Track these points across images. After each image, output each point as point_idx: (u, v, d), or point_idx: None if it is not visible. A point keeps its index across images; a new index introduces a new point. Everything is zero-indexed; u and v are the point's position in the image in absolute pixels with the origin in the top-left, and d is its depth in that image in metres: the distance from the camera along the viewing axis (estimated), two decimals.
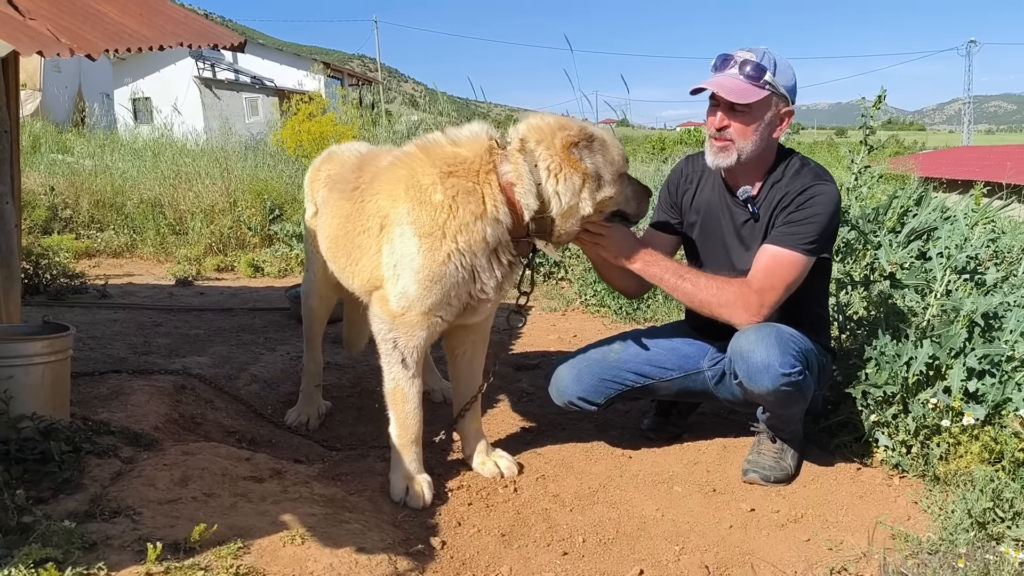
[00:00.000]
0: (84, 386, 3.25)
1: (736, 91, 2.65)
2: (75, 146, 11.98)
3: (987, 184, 5.93)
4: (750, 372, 2.62)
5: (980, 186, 5.68)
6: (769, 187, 2.79)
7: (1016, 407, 2.63)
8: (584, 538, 2.50)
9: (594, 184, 2.49)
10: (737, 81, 2.66)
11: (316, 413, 3.41)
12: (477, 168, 2.49)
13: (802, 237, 2.65)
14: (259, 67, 31.75)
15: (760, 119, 2.69)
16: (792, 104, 2.75)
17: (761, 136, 2.71)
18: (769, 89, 2.67)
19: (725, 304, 2.63)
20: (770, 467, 2.85)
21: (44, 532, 1.95)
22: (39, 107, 20.24)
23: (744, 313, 2.62)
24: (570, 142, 2.45)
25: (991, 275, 3.39)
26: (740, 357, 2.64)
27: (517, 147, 2.46)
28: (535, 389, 3.85)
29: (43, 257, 5.89)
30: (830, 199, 2.70)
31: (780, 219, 2.72)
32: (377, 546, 2.21)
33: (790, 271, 2.65)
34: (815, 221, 2.67)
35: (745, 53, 2.69)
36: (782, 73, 2.68)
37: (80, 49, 2.42)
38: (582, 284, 5.75)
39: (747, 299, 2.62)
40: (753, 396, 2.72)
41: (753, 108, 2.67)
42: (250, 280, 6.79)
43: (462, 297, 2.57)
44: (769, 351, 2.57)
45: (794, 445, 2.93)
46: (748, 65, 2.66)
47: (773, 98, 2.69)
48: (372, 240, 2.63)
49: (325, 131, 12.24)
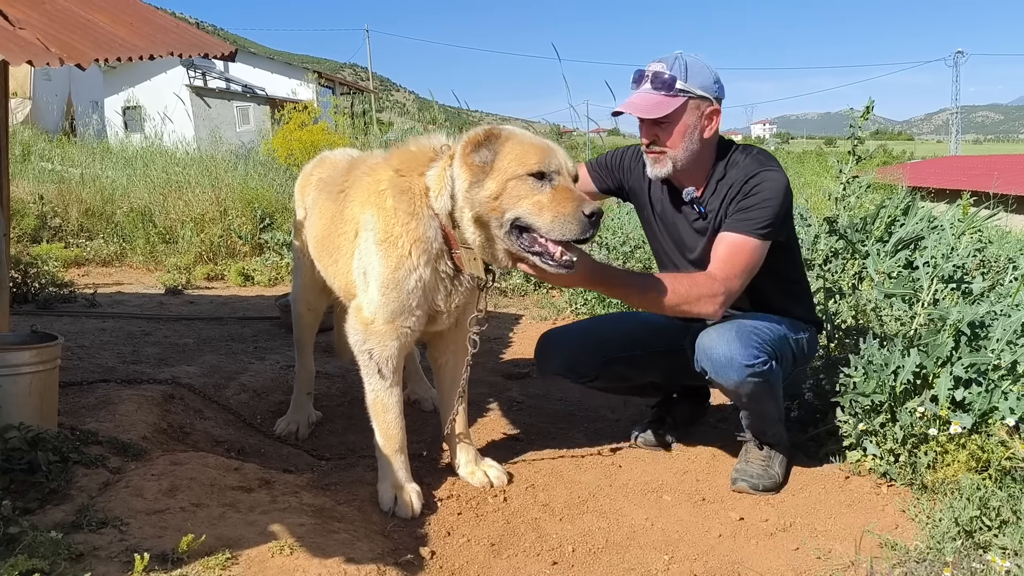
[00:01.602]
0: (72, 396, 3.24)
1: (649, 107, 2.66)
2: (65, 154, 11.94)
3: (974, 194, 5.98)
4: (715, 368, 2.66)
5: (967, 196, 5.73)
6: (714, 185, 2.80)
7: (1003, 416, 2.65)
8: (574, 547, 2.50)
9: (480, 177, 2.35)
10: (650, 96, 2.67)
11: (306, 422, 3.41)
12: (420, 171, 2.51)
13: (755, 223, 2.66)
14: (250, 76, 31.73)
15: (685, 125, 2.69)
16: (718, 101, 2.73)
17: (690, 140, 2.71)
18: (684, 96, 2.66)
19: (692, 300, 2.60)
20: (758, 475, 2.86)
21: (31, 543, 1.94)
22: (29, 115, 20.18)
23: (711, 304, 2.61)
24: (472, 140, 2.38)
25: (978, 284, 3.41)
26: (704, 355, 2.69)
27: (450, 152, 2.46)
28: (525, 398, 3.85)
29: (32, 266, 5.86)
30: (777, 183, 2.70)
31: (732, 209, 2.72)
32: (366, 556, 2.21)
33: (748, 257, 2.66)
34: (766, 206, 2.67)
35: (656, 65, 2.69)
36: (695, 75, 2.67)
37: (70, 58, 2.42)
38: (573, 293, 5.76)
39: (712, 289, 2.61)
40: (724, 391, 2.78)
41: (673, 118, 2.68)
42: (240, 289, 6.77)
43: (423, 306, 2.58)
44: (730, 345, 2.62)
45: (781, 450, 2.95)
46: (659, 77, 2.66)
47: (691, 103, 2.68)
48: (349, 244, 2.69)
49: (316, 140, 12.23)
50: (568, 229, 2.29)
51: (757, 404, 2.79)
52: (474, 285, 2.61)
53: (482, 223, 2.39)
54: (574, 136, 15.35)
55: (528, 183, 2.32)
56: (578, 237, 2.31)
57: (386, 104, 48.79)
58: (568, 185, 2.36)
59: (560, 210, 2.29)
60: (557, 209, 2.29)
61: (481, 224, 2.40)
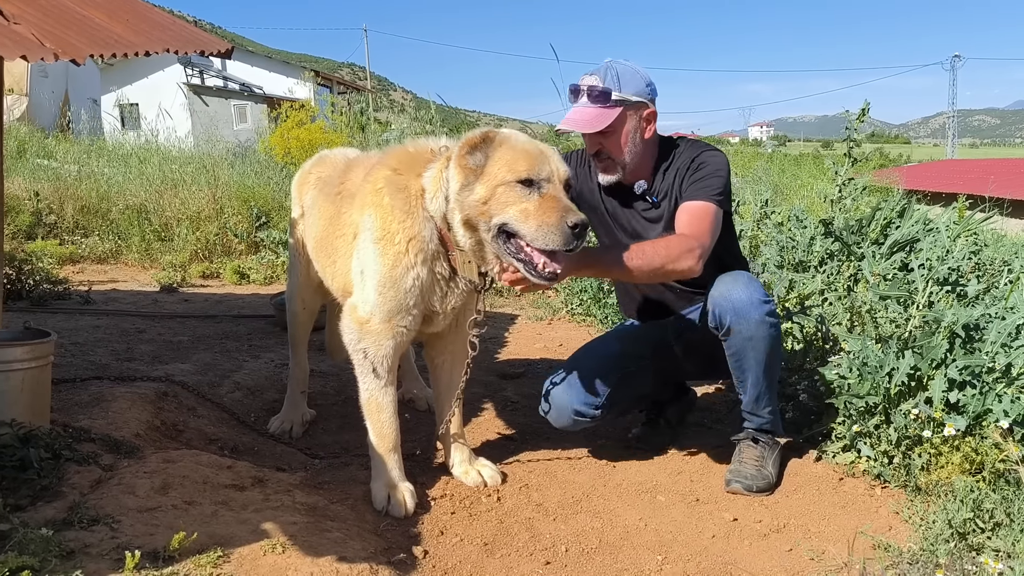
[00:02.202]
0: (65, 392, 3.23)
1: (589, 121, 2.75)
2: (61, 151, 11.91)
3: (970, 197, 5.99)
4: (737, 309, 2.69)
5: (963, 199, 5.73)
6: (661, 175, 2.91)
7: (996, 418, 2.65)
8: (567, 547, 2.49)
9: (471, 180, 2.36)
10: (588, 110, 2.75)
11: (300, 420, 3.40)
12: (418, 172, 2.51)
13: (710, 189, 2.77)
14: (248, 74, 31.68)
15: (626, 133, 2.80)
16: (653, 102, 2.84)
17: (633, 144, 2.82)
18: (621, 105, 2.76)
19: (674, 258, 2.60)
20: (752, 476, 2.86)
21: (21, 540, 1.93)
22: (25, 112, 20.13)
23: (691, 258, 2.62)
24: (469, 143, 2.38)
25: (972, 287, 3.42)
26: (724, 301, 2.72)
27: (447, 154, 2.46)
28: (520, 398, 3.85)
29: (26, 263, 5.85)
30: (721, 160, 2.85)
31: (685, 184, 2.83)
32: (359, 555, 2.20)
33: (710, 219, 2.74)
34: (716, 175, 2.79)
35: (590, 79, 2.77)
36: (628, 83, 2.77)
37: (65, 54, 2.40)
38: (568, 293, 5.76)
39: (688, 244, 2.63)
40: (738, 342, 2.75)
41: (614, 127, 2.77)
42: (235, 287, 6.76)
43: (419, 305, 2.57)
44: (747, 287, 2.72)
45: (774, 447, 2.95)
46: (594, 91, 2.75)
47: (628, 111, 2.78)
48: (347, 246, 2.70)
49: (314, 139, 12.21)
50: (551, 239, 2.28)
51: (768, 356, 2.77)
52: (471, 287, 2.60)
53: (471, 226, 2.39)
54: (572, 137, 15.35)
55: (516, 190, 2.32)
56: (561, 248, 2.29)
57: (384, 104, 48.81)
58: (556, 194, 2.34)
59: (545, 219, 2.28)
60: (542, 218, 2.28)
61: (470, 227, 2.40)
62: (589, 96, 2.75)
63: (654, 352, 3.07)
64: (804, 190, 12.48)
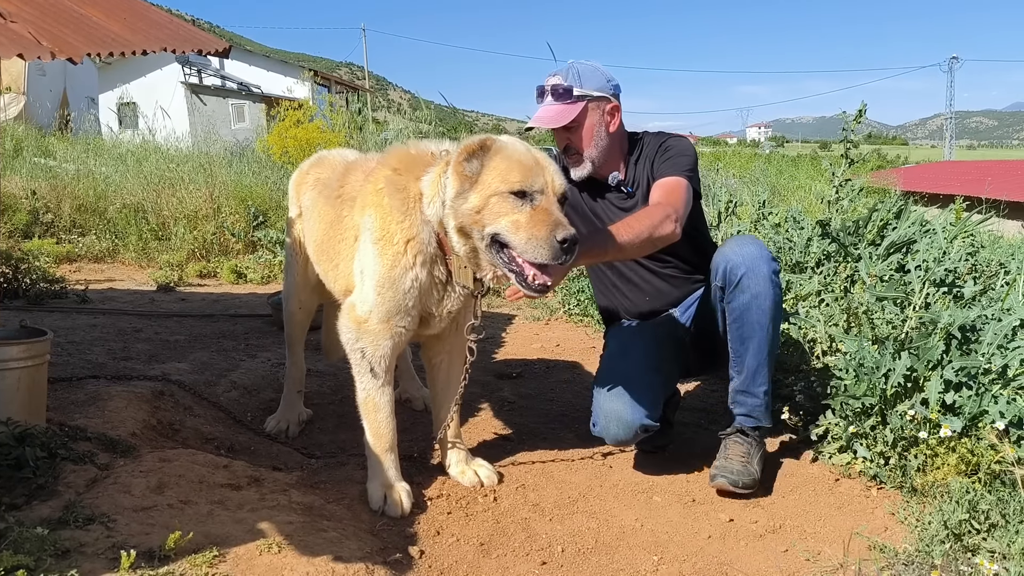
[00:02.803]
0: (61, 391, 3.22)
1: (554, 117, 2.85)
2: (58, 150, 11.89)
3: (967, 199, 5.99)
4: (748, 262, 2.76)
5: (960, 200, 5.74)
6: (633, 165, 3.03)
7: (992, 419, 2.65)
8: (563, 548, 2.49)
9: (466, 188, 2.34)
10: (553, 107, 2.86)
11: (296, 420, 3.40)
12: (417, 174, 2.50)
13: (680, 166, 2.88)
14: (246, 73, 31.66)
15: (591, 126, 2.90)
16: (616, 97, 2.93)
17: (599, 138, 2.92)
18: (583, 100, 2.86)
19: (656, 225, 2.63)
20: (738, 471, 2.83)
21: (16, 539, 1.93)
22: (23, 111, 20.10)
23: (670, 223, 2.65)
24: (467, 150, 2.37)
25: (969, 288, 3.42)
26: (735, 253, 2.80)
27: (447, 158, 2.45)
28: (517, 398, 3.85)
29: (23, 261, 5.84)
30: (686, 143, 2.98)
31: (655, 166, 2.94)
32: (355, 555, 2.20)
33: (683, 192, 2.81)
34: (684, 154, 2.92)
35: (553, 78, 2.89)
36: (589, 79, 2.88)
37: (62, 52, 2.40)
38: (566, 293, 5.76)
39: (664, 212, 2.68)
40: (744, 300, 2.78)
41: (578, 121, 2.87)
42: (232, 286, 6.75)
43: (417, 306, 2.57)
44: (757, 244, 2.83)
45: (760, 446, 2.95)
46: (557, 89, 2.86)
47: (591, 105, 2.88)
48: (349, 249, 2.70)
49: (312, 138, 12.20)
50: (540, 253, 2.26)
51: (771, 321, 2.79)
52: (467, 292, 2.60)
53: (465, 233, 2.39)
54: None
55: (509, 201, 2.30)
56: (548, 262, 2.28)
57: (382, 103, 48.97)
58: (548, 207, 2.31)
59: (535, 232, 2.26)
60: (532, 231, 2.27)
61: (464, 234, 2.40)
62: (553, 94, 2.86)
63: (674, 346, 3.10)
64: (801, 191, 12.51)
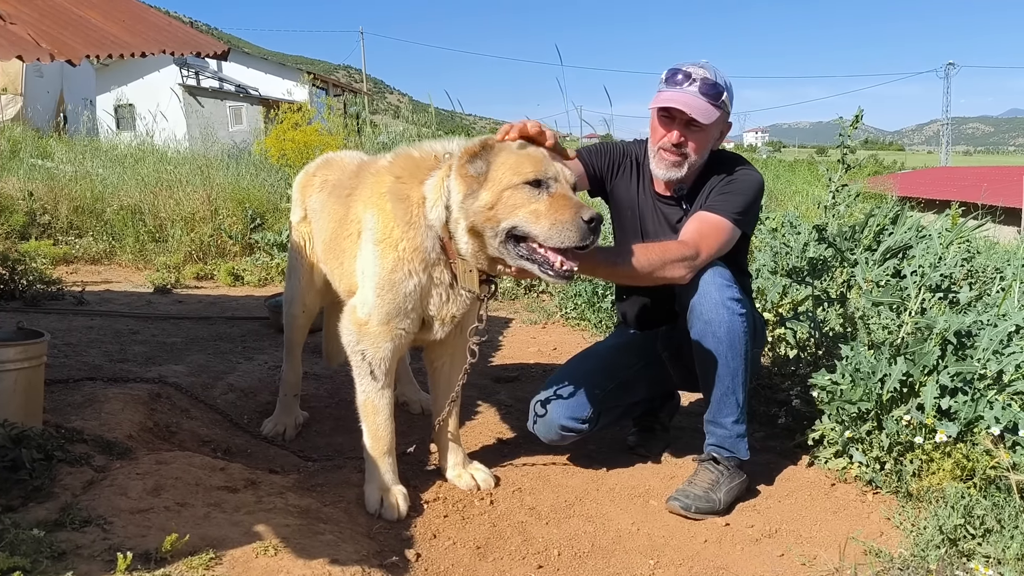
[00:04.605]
0: (58, 393, 3.22)
1: (701, 111, 2.73)
2: (56, 151, 11.87)
3: (963, 204, 6.02)
4: (700, 288, 2.67)
5: (956, 206, 5.76)
6: (702, 184, 2.91)
7: (988, 425, 2.66)
8: (559, 551, 2.50)
9: (474, 188, 2.33)
10: (700, 100, 2.73)
11: (293, 423, 3.39)
12: (420, 179, 2.49)
13: (732, 205, 2.77)
14: (244, 76, 31.68)
15: (712, 135, 2.83)
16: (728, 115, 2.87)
17: (707, 150, 2.85)
18: (723, 109, 2.79)
19: (667, 264, 2.61)
20: (696, 497, 2.74)
21: (12, 540, 1.93)
22: (20, 112, 20.07)
23: (681, 268, 2.64)
24: (468, 152, 2.36)
25: (964, 294, 3.43)
26: (693, 281, 2.68)
27: (450, 161, 2.44)
28: (514, 401, 3.85)
29: (19, 263, 5.82)
30: (756, 181, 2.87)
31: (712, 195, 2.83)
32: (351, 558, 2.20)
33: (720, 235, 2.73)
34: (744, 194, 2.81)
35: (699, 70, 2.76)
36: (729, 92, 2.81)
37: (60, 54, 2.41)
38: (563, 297, 5.76)
39: (683, 253, 2.65)
40: (698, 327, 2.70)
41: (710, 127, 2.78)
42: (230, 289, 6.74)
43: (417, 309, 2.56)
44: (715, 272, 2.69)
45: (734, 475, 2.83)
46: (707, 83, 2.74)
47: (723, 116, 2.81)
48: (352, 245, 2.69)
49: (310, 141, 12.19)
50: (567, 236, 2.26)
51: (729, 348, 2.69)
52: (472, 296, 2.60)
53: (476, 233, 2.38)
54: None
55: (524, 191, 2.29)
56: (577, 244, 2.27)
57: (379, 107, 49.22)
58: (566, 192, 2.32)
59: (559, 217, 2.26)
60: (555, 216, 2.26)
61: (475, 234, 2.38)
62: (702, 87, 2.73)
63: (645, 359, 3.08)
64: (798, 196, 12.53)
